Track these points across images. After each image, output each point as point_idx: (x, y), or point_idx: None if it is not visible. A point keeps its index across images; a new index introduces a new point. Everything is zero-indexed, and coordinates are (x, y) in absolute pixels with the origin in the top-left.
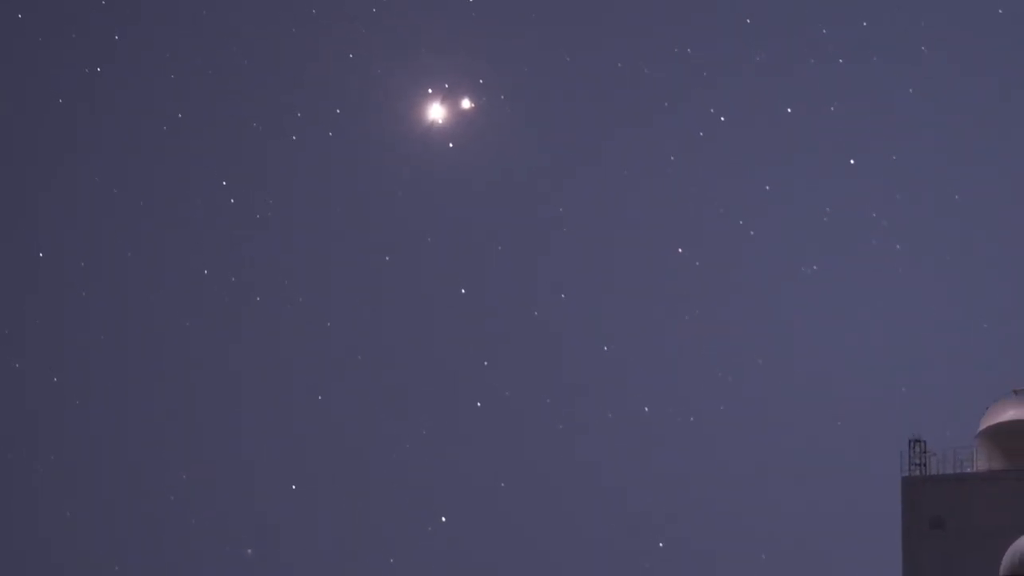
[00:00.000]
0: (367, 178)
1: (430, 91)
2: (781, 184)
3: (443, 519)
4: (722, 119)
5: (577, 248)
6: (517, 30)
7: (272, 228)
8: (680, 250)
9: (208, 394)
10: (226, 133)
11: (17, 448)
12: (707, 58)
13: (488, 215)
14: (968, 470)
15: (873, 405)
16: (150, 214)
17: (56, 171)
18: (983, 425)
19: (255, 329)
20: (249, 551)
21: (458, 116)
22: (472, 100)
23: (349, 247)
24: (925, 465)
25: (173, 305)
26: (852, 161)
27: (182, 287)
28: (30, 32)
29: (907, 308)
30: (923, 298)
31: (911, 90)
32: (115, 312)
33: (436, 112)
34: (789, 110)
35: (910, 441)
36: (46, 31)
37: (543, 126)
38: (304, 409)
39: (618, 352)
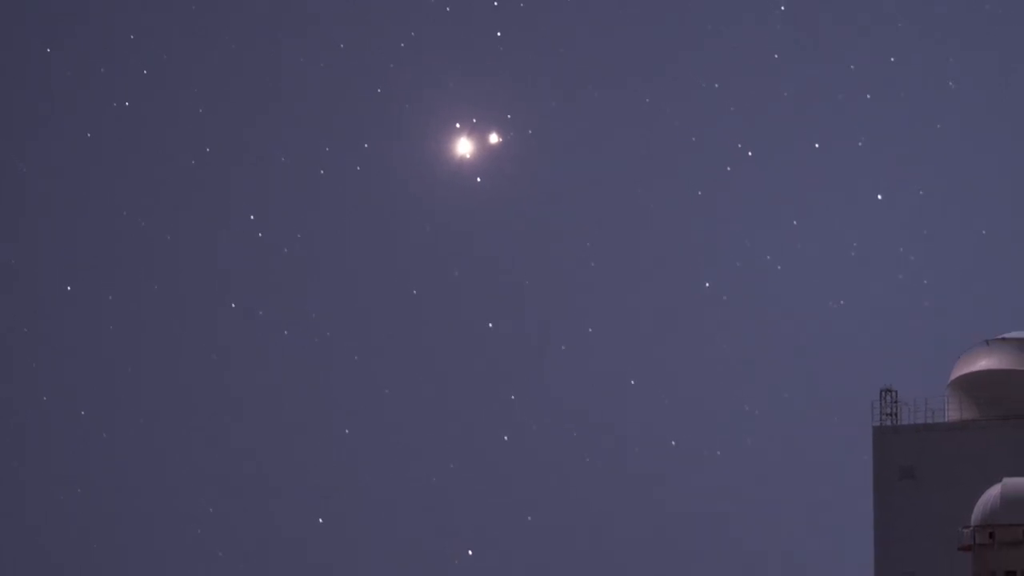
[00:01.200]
0: (395, 212)
1: (458, 126)
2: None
3: (470, 552)
4: (749, 154)
5: (603, 282)
6: (544, 65)
7: (300, 262)
8: (707, 284)
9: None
10: (254, 167)
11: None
12: (733, 93)
13: (515, 249)
14: (939, 420)
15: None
16: (175, 250)
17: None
18: (954, 375)
19: (282, 366)
20: None
21: (486, 150)
22: (499, 135)
23: (377, 281)
24: (896, 415)
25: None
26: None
27: (207, 330)
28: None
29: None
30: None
31: (939, 125)
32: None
33: (464, 147)
34: (817, 145)
35: (881, 391)
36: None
37: (569, 160)
38: (330, 443)
39: (643, 385)
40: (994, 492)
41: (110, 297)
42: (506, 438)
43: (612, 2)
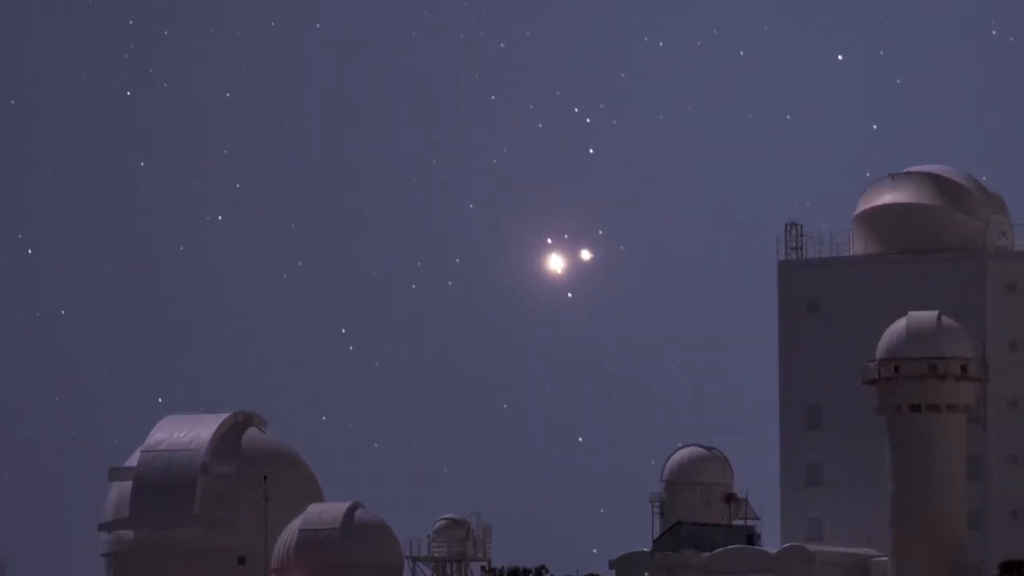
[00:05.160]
0: (486, 328)
1: (549, 241)
2: None
3: None
4: None
5: (692, 396)
6: (637, 180)
7: (390, 377)
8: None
9: None
10: (348, 282)
11: None
12: None
13: (606, 366)
14: (844, 254)
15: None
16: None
17: None
18: (859, 209)
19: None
20: None
21: (577, 266)
22: (591, 251)
23: (469, 396)
24: (801, 249)
25: None
26: None
27: None
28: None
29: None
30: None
31: None
32: None
33: (555, 263)
34: None
35: (786, 225)
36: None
37: (662, 277)
38: None
39: None
40: (899, 326)
41: None
42: None
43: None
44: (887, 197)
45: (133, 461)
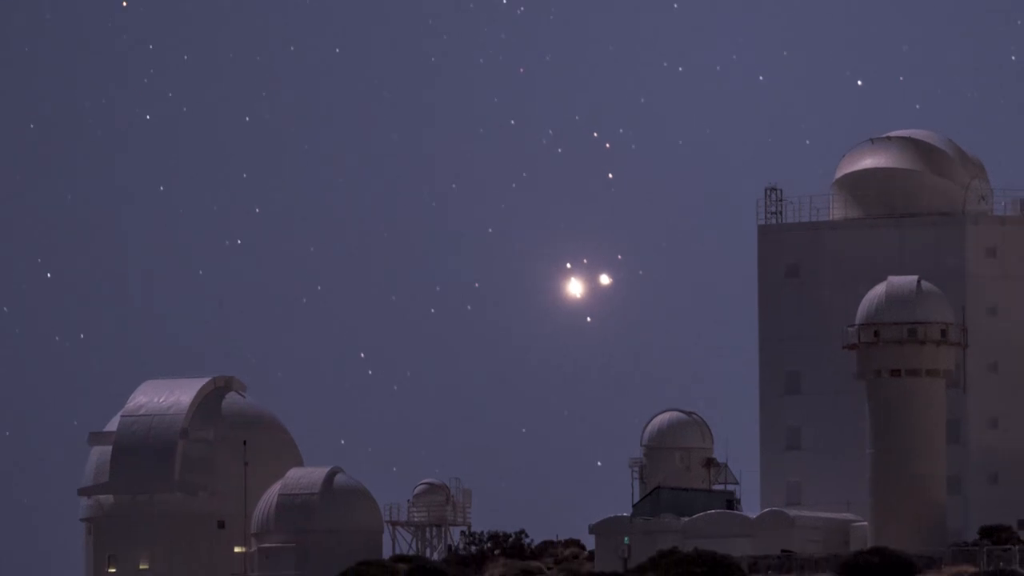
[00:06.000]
0: (506, 352)
1: (568, 266)
2: None
3: None
4: None
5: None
6: (656, 205)
7: (407, 398)
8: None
9: None
10: (365, 304)
11: None
12: None
13: (625, 390)
14: (824, 218)
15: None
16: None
17: None
18: (839, 173)
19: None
20: None
21: (596, 291)
22: (610, 276)
23: (487, 418)
24: (781, 213)
25: None
26: None
27: None
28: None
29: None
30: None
31: None
32: None
33: (574, 287)
34: None
35: (766, 189)
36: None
37: (680, 302)
38: None
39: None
40: (879, 290)
41: None
42: None
43: (717, 148)
44: (867, 162)
45: (113, 426)
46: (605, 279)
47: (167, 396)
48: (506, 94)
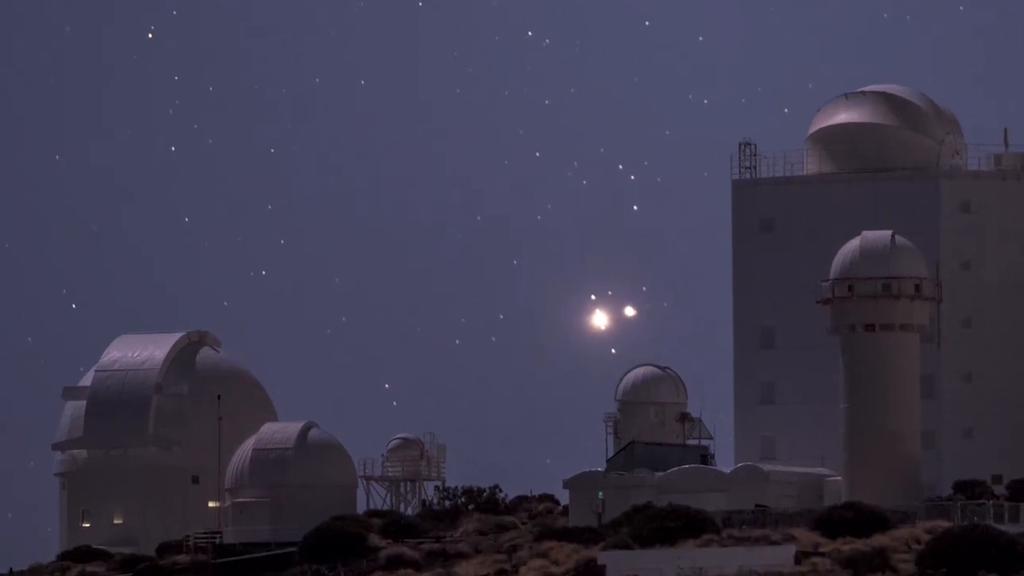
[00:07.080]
0: (529, 384)
1: (593, 297)
2: None
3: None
4: None
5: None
6: (680, 237)
7: (429, 427)
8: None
9: None
10: (392, 337)
11: None
12: None
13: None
14: (798, 173)
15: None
16: None
17: None
18: (813, 128)
19: None
20: None
21: (621, 323)
22: (635, 307)
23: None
24: (755, 168)
25: None
26: None
27: None
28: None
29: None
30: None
31: None
32: None
33: (599, 319)
34: None
35: (740, 144)
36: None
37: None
38: None
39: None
40: (853, 245)
41: None
42: None
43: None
44: (841, 116)
45: (87, 380)
46: (630, 311)
47: (141, 351)
48: (531, 126)
